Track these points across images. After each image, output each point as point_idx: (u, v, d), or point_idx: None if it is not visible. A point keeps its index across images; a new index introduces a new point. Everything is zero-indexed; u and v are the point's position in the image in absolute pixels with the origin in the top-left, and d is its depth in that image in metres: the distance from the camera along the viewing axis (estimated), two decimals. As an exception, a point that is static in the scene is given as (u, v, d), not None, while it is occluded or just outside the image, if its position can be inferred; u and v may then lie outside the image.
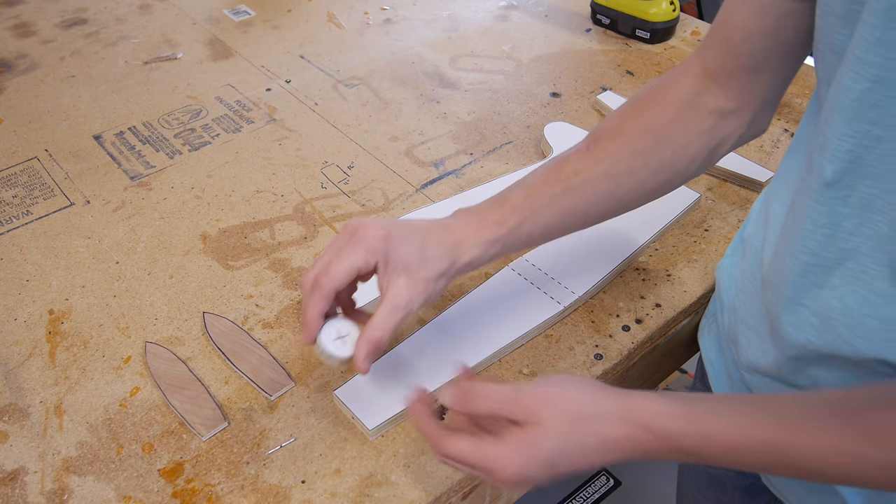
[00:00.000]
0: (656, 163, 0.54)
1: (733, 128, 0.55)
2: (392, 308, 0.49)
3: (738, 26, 0.50)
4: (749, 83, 0.52)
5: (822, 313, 0.45)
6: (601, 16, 1.10)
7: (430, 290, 0.50)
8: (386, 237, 0.49)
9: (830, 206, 0.42)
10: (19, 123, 0.93)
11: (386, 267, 0.50)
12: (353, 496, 0.52)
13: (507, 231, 0.52)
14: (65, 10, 1.20)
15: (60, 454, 0.55)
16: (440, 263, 0.50)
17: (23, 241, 0.75)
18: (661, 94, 0.56)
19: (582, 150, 0.55)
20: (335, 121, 0.92)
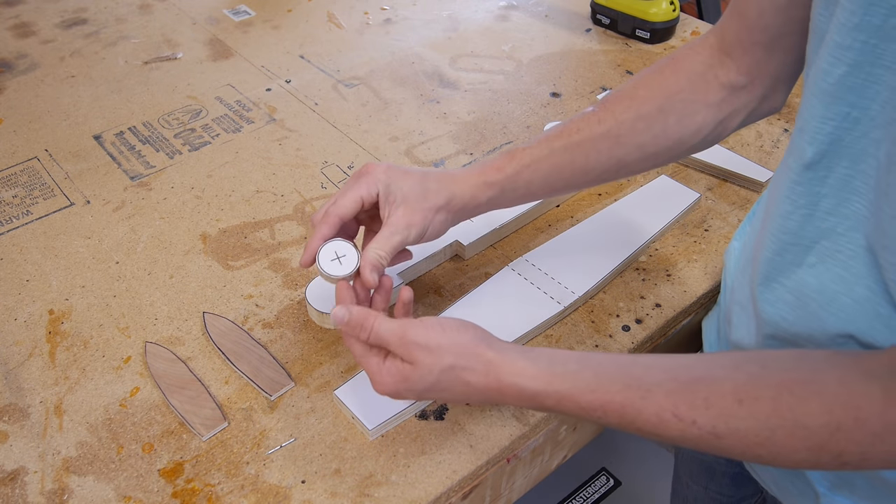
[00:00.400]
0: (659, 128, 0.55)
1: (744, 102, 0.55)
2: (390, 232, 0.53)
3: (751, 2, 0.51)
4: (763, 59, 0.53)
5: (799, 290, 0.46)
6: (601, 16, 1.10)
7: (428, 220, 0.54)
8: (387, 170, 0.54)
9: (809, 187, 0.43)
10: (19, 123, 0.93)
11: (387, 197, 0.54)
12: (353, 496, 0.52)
13: (506, 176, 0.55)
14: (65, 10, 1.20)
15: (60, 454, 0.55)
16: (438, 197, 0.54)
17: (23, 241, 0.75)
18: (675, 63, 0.57)
19: (588, 112, 0.57)
20: (335, 121, 0.92)
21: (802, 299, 0.46)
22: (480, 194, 0.55)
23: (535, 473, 0.63)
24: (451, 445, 0.55)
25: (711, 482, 0.74)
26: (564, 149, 0.55)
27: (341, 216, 0.53)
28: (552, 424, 0.59)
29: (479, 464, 0.54)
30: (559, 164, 0.55)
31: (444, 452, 0.55)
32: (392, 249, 0.53)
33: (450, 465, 0.54)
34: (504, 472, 0.57)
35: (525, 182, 0.56)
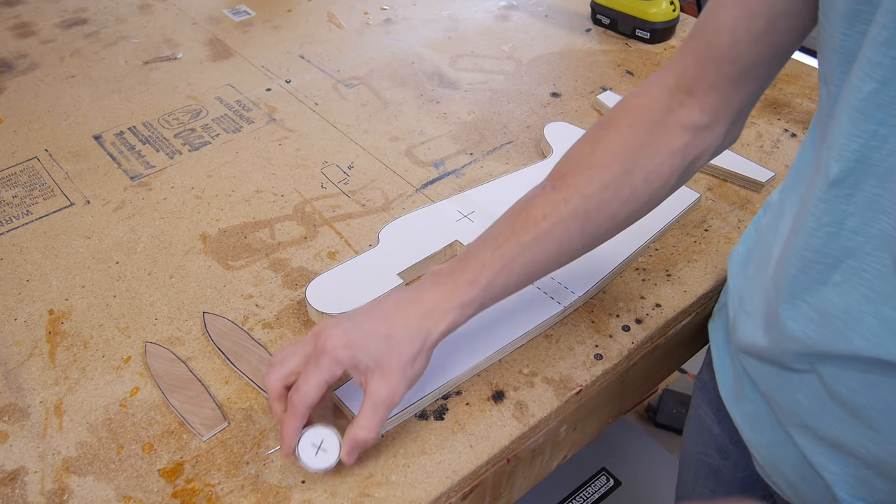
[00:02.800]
0: (627, 192, 0.52)
1: (707, 143, 0.53)
2: (373, 406, 0.49)
3: (724, 29, 0.48)
4: (731, 92, 0.51)
5: (822, 309, 0.45)
6: (601, 16, 1.10)
7: (408, 374, 0.50)
8: (347, 344, 0.49)
9: (834, 205, 0.42)
10: (19, 123, 0.93)
11: (357, 369, 0.50)
12: (353, 496, 0.52)
13: (481, 289, 0.51)
14: (65, 10, 1.20)
15: (60, 454, 0.55)
16: (412, 345, 0.50)
17: (23, 241, 0.75)
18: (630, 114, 0.53)
19: (548, 189, 0.53)
20: (335, 121, 0.92)
21: (827, 318, 0.45)
22: (458, 318, 0.51)
23: (535, 473, 0.63)
24: (451, 445, 0.55)
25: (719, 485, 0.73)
26: (535, 241, 0.51)
27: (309, 405, 0.50)
28: (552, 424, 0.59)
29: (479, 464, 0.54)
30: (533, 259, 0.52)
31: (444, 452, 0.55)
32: (379, 424, 0.50)
33: (450, 465, 0.54)
34: (504, 472, 0.57)
35: (501, 287, 0.52)
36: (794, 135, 0.87)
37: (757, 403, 0.57)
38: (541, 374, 0.60)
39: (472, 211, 0.74)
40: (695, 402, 0.74)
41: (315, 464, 0.51)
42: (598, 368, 0.61)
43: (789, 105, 0.93)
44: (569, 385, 0.60)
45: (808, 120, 0.90)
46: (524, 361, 0.61)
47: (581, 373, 0.60)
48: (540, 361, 0.61)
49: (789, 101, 0.93)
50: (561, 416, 0.60)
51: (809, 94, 0.95)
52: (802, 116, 0.91)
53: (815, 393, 0.50)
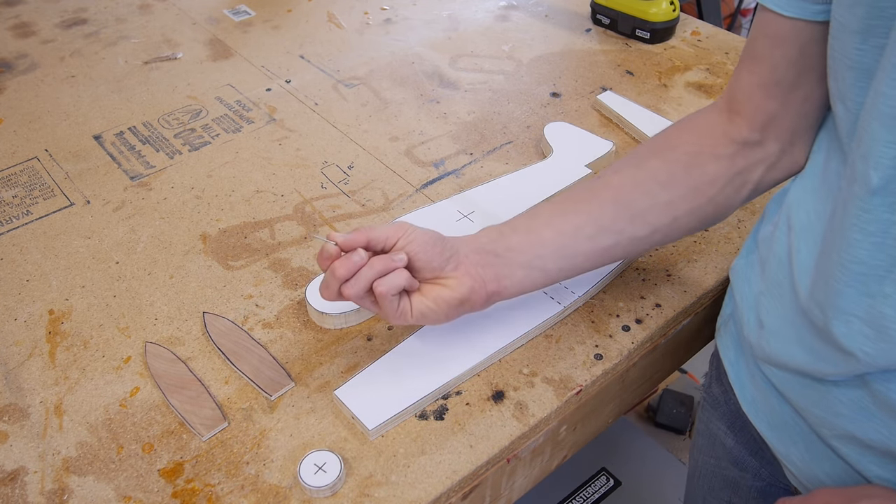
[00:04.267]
0: (664, 176, 0.56)
1: (758, 157, 0.56)
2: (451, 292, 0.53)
3: (762, 59, 0.51)
4: (777, 113, 0.53)
5: (877, 323, 0.44)
6: (601, 16, 1.10)
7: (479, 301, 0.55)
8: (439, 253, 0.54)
9: (877, 214, 0.42)
10: (19, 123, 0.93)
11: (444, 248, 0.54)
12: (353, 496, 0.52)
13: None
14: (65, 10, 1.20)
15: (60, 454, 0.55)
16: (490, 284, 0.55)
17: (23, 241, 0.75)
18: (681, 126, 0.58)
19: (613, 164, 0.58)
20: (335, 121, 0.92)
21: (883, 331, 0.44)
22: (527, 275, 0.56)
23: (535, 473, 0.63)
24: (451, 445, 0.55)
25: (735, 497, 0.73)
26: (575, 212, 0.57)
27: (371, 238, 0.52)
28: (552, 424, 0.59)
29: (479, 464, 0.54)
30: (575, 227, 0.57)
31: (444, 452, 0.55)
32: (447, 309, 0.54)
33: (450, 465, 0.54)
34: (504, 472, 0.57)
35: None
36: (794, 135, 0.87)
37: (787, 416, 0.57)
38: (541, 374, 0.60)
39: (472, 211, 0.74)
40: (704, 417, 0.74)
41: (312, 481, 0.51)
42: (598, 368, 0.61)
43: (789, 105, 0.93)
44: (569, 385, 0.60)
45: (808, 120, 0.90)
46: (524, 361, 0.61)
47: (581, 373, 0.60)
48: (540, 361, 0.61)
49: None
50: (561, 416, 0.60)
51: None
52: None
53: (858, 403, 0.49)
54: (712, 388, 0.72)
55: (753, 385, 0.61)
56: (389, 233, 0.53)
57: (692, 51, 1.04)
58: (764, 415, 0.60)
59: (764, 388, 0.59)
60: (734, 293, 0.62)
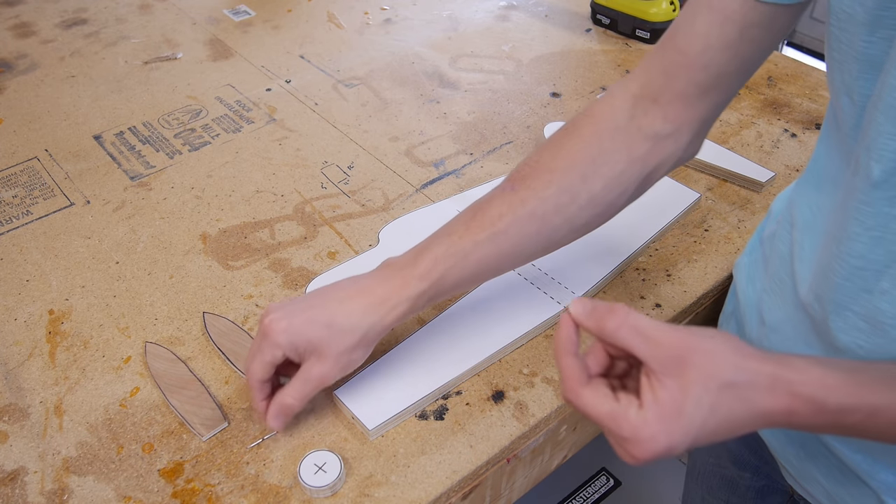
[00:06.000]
0: (584, 198, 0.52)
1: (669, 151, 0.53)
2: (304, 381, 0.52)
3: (697, 35, 0.48)
4: (697, 101, 0.51)
5: (872, 318, 0.44)
6: (601, 16, 1.10)
7: (343, 362, 0.52)
8: (286, 329, 0.51)
9: (878, 208, 0.41)
10: (19, 123, 0.93)
11: (295, 351, 0.52)
12: (353, 496, 0.52)
13: (430, 284, 0.52)
14: (65, 10, 1.20)
15: (60, 454, 0.55)
16: (352, 336, 0.51)
17: (23, 241, 0.75)
18: (593, 121, 0.53)
19: (507, 190, 0.53)
20: (335, 121, 0.92)
21: (878, 327, 0.44)
22: (407, 311, 0.52)
23: (535, 473, 0.63)
24: (451, 445, 0.55)
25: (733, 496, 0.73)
26: (489, 240, 0.52)
27: (261, 380, 0.53)
28: (552, 424, 0.59)
29: (479, 464, 0.54)
30: (485, 257, 0.52)
31: (444, 452, 0.55)
32: (305, 398, 0.52)
33: (450, 465, 0.54)
34: (504, 472, 0.57)
35: (452, 282, 0.52)
36: (794, 135, 0.87)
37: None
38: (541, 374, 0.60)
39: (472, 211, 0.74)
40: None
41: (312, 481, 0.52)
42: (598, 368, 0.61)
43: (789, 105, 0.93)
44: (569, 385, 0.59)
45: (808, 120, 0.90)
46: (524, 361, 0.61)
47: (581, 373, 0.60)
48: (540, 361, 0.61)
49: (789, 101, 0.93)
50: (561, 416, 0.60)
51: (809, 94, 0.95)
52: (802, 116, 0.91)
53: None
54: None
55: None
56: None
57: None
58: None
59: None
60: (737, 291, 0.62)
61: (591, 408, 0.39)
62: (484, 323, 0.63)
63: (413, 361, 0.60)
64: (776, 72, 1.00)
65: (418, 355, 0.60)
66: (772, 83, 0.97)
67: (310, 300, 0.53)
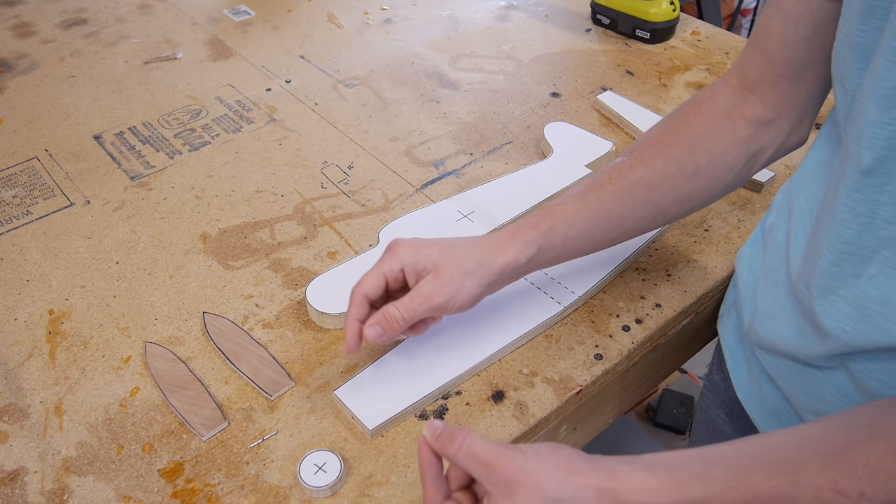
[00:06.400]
0: (690, 169, 0.55)
1: (772, 136, 0.56)
2: (414, 296, 0.53)
3: (774, 36, 0.51)
4: (788, 91, 0.53)
5: (859, 303, 0.45)
6: (601, 16, 1.10)
7: (457, 284, 0.53)
8: (412, 244, 0.54)
9: (867, 194, 0.42)
10: (19, 123, 0.93)
11: (414, 267, 0.53)
12: (353, 496, 0.52)
13: (541, 233, 0.54)
14: (65, 10, 1.20)
15: (60, 454, 0.55)
16: (468, 262, 0.53)
17: (23, 241, 0.75)
18: (698, 106, 0.57)
19: (618, 162, 0.57)
20: (335, 121, 0.92)
21: (864, 312, 0.45)
22: (518, 255, 0.54)
23: (535, 473, 0.63)
24: (451, 445, 0.55)
25: None
26: (599, 200, 0.55)
27: (366, 294, 0.54)
28: (552, 424, 0.59)
29: (479, 464, 0.54)
30: (595, 216, 0.55)
31: (444, 452, 0.55)
32: (412, 312, 0.52)
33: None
34: (504, 472, 0.57)
35: (562, 238, 0.55)
36: (794, 135, 0.87)
37: (777, 401, 0.57)
38: (541, 374, 0.60)
39: (472, 211, 0.74)
40: (703, 404, 0.74)
41: (312, 481, 0.52)
42: (598, 368, 0.61)
43: (789, 105, 0.93)
44: (569, 385, 0.60)
45: (808, 120, 0.90)
46: (524, 361, 0.61)
47: (581, 373, 0.60)
48: (540, 361, 0.61)
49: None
50: (561, 416, 0.60)
51: (809, 94, 0.95)
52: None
53: (841, 389, 0.49)
54: (713, 375, 0.72)
55: (749, 371, 0.61)
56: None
57: (692, 51, 1.04)
58: (756, 401, 0.61)
59: (758, 375, 0.60)
60: (738, 281, 0.62)
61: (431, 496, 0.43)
62: (484, 323, 0.63)
63: (413, 361, 0.60)
64: (776, 72, 1.00)
65: (418, 355, 0.60)
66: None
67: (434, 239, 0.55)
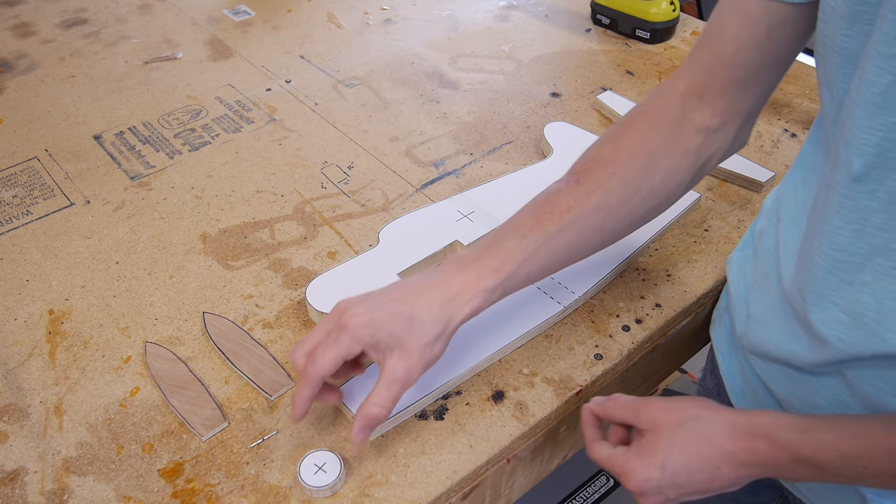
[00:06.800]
0: (646, 189, 0.54)
1: (719, 144, 0.55)
2: (389, 383, 0.49)
3: (729, 38, 0.50)
4: (738, 96, 0.53)
5: (853, 310, 0.45)
6: (601, 16, 1.10)
7: (427, 355, 0.50)
8: (369, 323, 0.49)
9: (858, 201, 0.42)
10: (19, 123, 0.93)
11: (376, 348, 0.50)
12: (353, 496, 0.52)
13: (505, 277, 0.51)
14: (65, 10, 1.20)
15: (60, 454, 0.55)
16: (433, 328, 0.50)
17: (23, 241, 0.75)
18: (648, 117, 0.55)
19: (572, 184, 0.54)
20: (335, 121, 0.92)
21: (859, 319, 0.44)
22: (482, 303, 0.51)
23: (535, 473, 0.63)
24: (451, 445, 0.55)
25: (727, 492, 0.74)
26: (559, 232, 0.53)
27: (322, 376, 0.50)
28: (552, 424, 0.59)
29: (479, 464, 0.54)
30: (556, 250, 0.53)
31: (444, 452, 0.55)
32: (393, 402, 0.49)
33: (450, 465, 0.54)
34: (504, 472, 0.57)
35: (524, 275, 0.53)
36: (794, 135, 0.87)
37: (771, 407, 0.57)
38: (541, 374, 0.60)
39: (472, 211, 0.74)
40: None
41: (312, 481, 0.51)
42: (598, 368, 0.61)
43: (789, 105, 0.93)
44: (569, 385, 0.60)
45: (808, 120, 0.90)
46: (524, 361, 0.61)
47: (581, 373, 0.60)
48: (540, 361, 0.61)
49: (789, 101, 0.93)
50: (561, 416, 0.60)
51: (809, 94, 0.95)
52: (802, 116, 0.91)
53: (835, 395, 0.49)
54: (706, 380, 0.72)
55: (742, 377, 0.61)
56: None
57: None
58: (750, 407, 0.61)
59: (751, 380, 0.59)
60: (729, 286, 0.62)
61: (596, 453, 0.51)
62: (484, 323, 0.63)
63: (413, 361, 0.60)
64: (776, 72, 1.00)
65: (418, 355, 0.60)
66: (772, 83, 0.97)
67: (387, 294, 0.51)
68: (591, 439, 0.52)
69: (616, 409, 0.50)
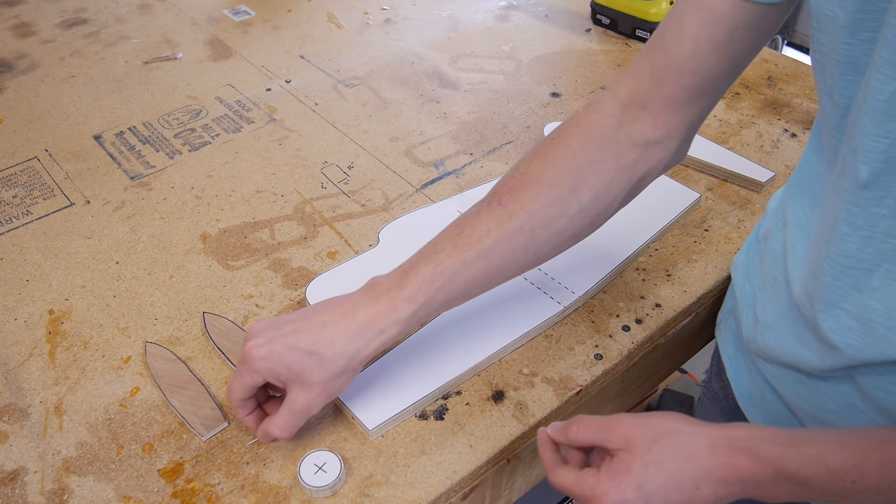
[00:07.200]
0: (574, 210, 0.51)
1: (657, 159, 0.53)
2: (290, 412, 0.50)
3: (686, 37, 0.48)
4: (685, 107, 0.50)
5: (863, 316, 0.44)
6: (601, 16, 1.10)
7: (328, 389, 0.50)
8: (267, 356, 0.49)
9: (866, 208, 0.42)
10: (19, 123, 0.93)
11: (277, 378, 0.50)
12: (353, 496, 0.52)
13: (420, 306, 0.50)
14: (65, 10, 1.20)
15: (60, 454, 0.55)
16: (335, 363, 0.49)
17: (23, 241, 0.75)
18: (581, 130, 0.52)
19: (494, 205, 0.51)
20: (335, 121, 0.92)
21: (869, 325, 0.44)
22: (395, 335, 0.50)
23: (535, 473, 0.63)
24: (451, 445, 0.55)
25: None
26: (477, 258, 0.50)
27: (238, 400, 0.52)
28: (552, 424, 0.59)
29: (479, 464, 0.54)
30: (474, 276, 0.50)
31: (444, 452, 0.55)
32: (293, 429, 0.51)
33: (450, 465, 0.54)
34: (504, 472, 0.57)
35: (441, 302, 0.51)
36: (794, 135, 0.87)
37: (780, 410, 0.57)
38: (541, 374, 0.60)
39: (472, 211, 0.74)
40: (702, 413, 0.74)
41: (312, 481, 0.52)
42: (598, 368, 0.61)
43: (789, 105, 0.93)
44: (569, 385, 0.60)
45: (808, 120, 0.90)
46: (524, 361, 0.61)
47: (581, 373, 0.60)
48: (540, 361, 0.61)
49: (789, 101, 0.93)
50: (561, 416, 0.59)
51: (809, 94, 0.95)
52: (802, 116, 0.91)
53: (846, 399, 0.49)
54: (712, 383, 0.72)
55: (750, 380, 0.61)
56: None
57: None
58: (759, 410, 0.60)
59: (759, 384, 0.59)
60: (734, 289, 0.62)
61: (561, 478, 0.47)
62: (484, 323, 0.63)
63: (413, 361, 0.60)
64: (776, 72, 1.00)
65: (418, 355, 0.60)
66: (772, 83, 0.97)
67: (293, 323, 0.50)
68: (552, 463, 0.48)
69: (581, 430, 0.47)
